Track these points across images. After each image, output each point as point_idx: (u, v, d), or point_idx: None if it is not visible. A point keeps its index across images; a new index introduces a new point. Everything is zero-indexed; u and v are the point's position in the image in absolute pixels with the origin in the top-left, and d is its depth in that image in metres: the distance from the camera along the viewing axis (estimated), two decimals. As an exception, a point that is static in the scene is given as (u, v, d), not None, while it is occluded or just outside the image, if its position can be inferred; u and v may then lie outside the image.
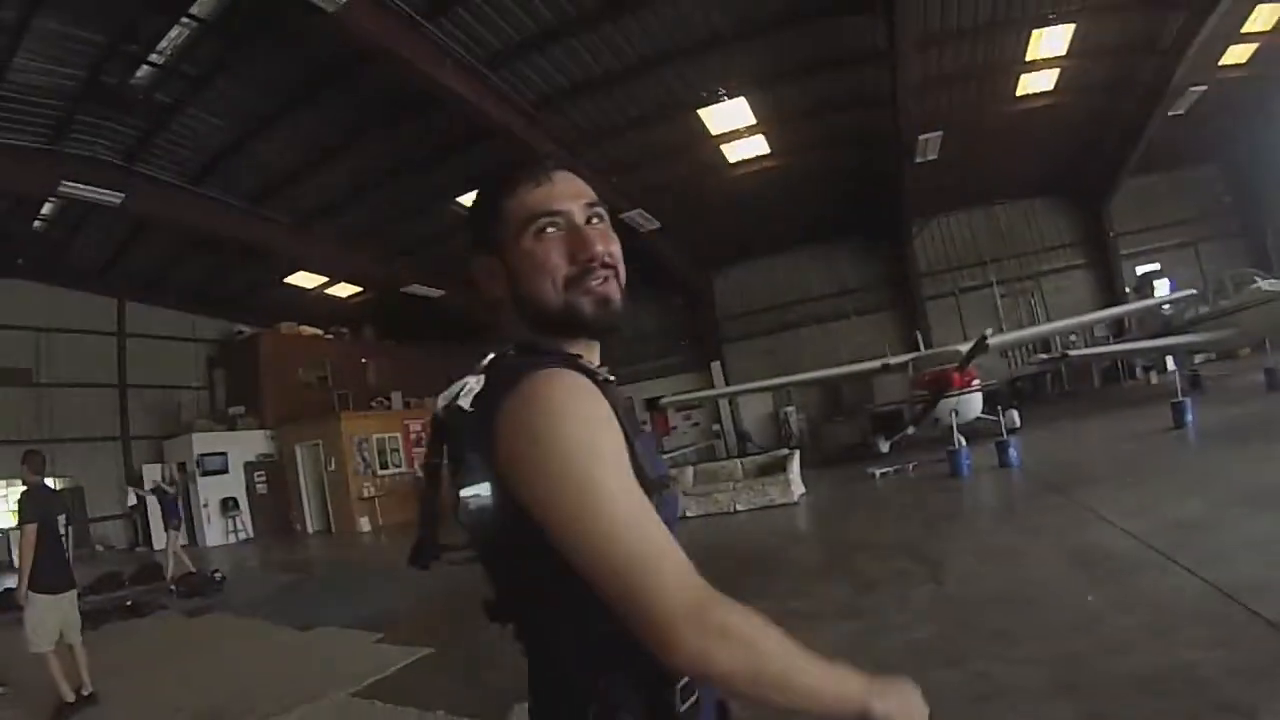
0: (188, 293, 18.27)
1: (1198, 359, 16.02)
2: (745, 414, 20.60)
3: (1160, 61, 14.13)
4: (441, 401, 0.94)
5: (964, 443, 10.26)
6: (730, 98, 12.63)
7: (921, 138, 13.43)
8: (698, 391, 18.69)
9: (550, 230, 0.96)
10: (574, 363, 0.92)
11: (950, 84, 13.58)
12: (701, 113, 12.95)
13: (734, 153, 14.35)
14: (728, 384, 19.45)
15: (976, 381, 11.76)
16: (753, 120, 13.37)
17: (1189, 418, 9.68)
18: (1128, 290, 18.63)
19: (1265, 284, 12.56)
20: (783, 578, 6.12)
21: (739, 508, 10.30)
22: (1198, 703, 2.82)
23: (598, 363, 1.01)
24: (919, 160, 14.06)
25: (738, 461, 12.42)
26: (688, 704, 0.90)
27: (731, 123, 13.37)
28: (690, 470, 12.22)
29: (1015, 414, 13.26)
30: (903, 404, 13.38)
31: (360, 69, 10.25)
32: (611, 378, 0.98)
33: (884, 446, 12.85)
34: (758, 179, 14.99)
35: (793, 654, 0.82)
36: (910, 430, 12.03)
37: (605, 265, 0.97)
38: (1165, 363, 13.82)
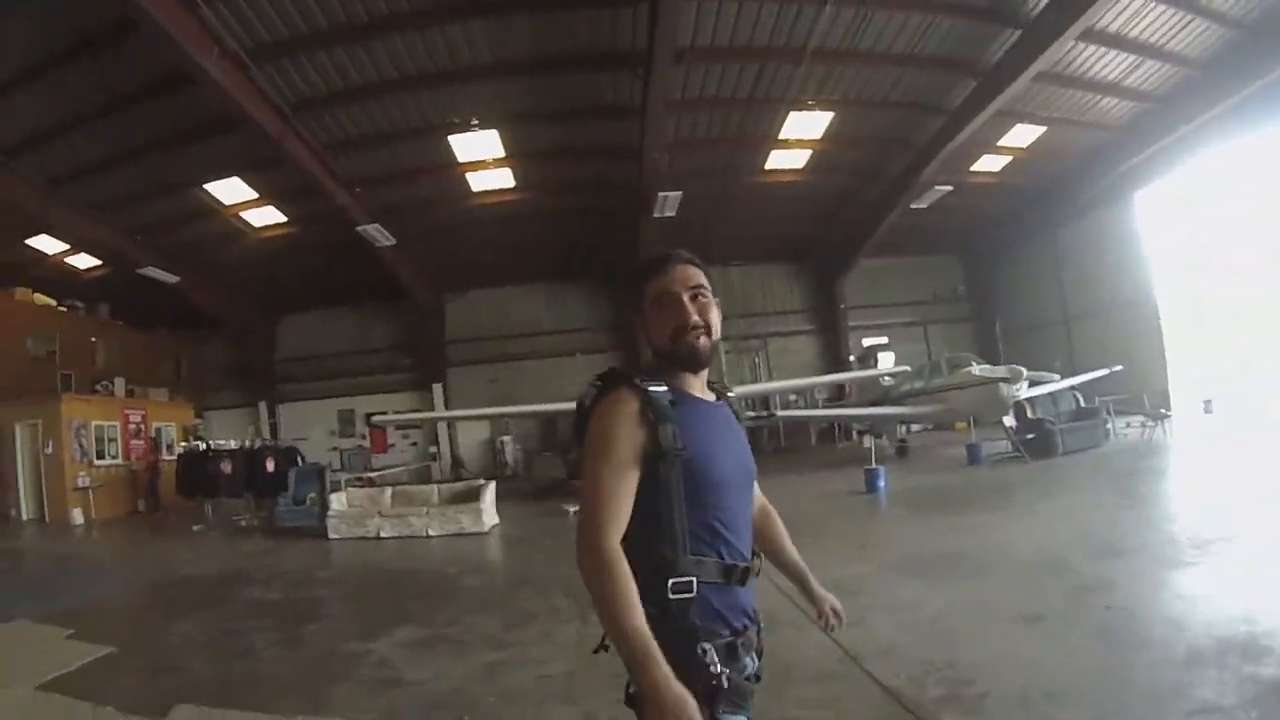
0: (-79, 247, 16.36)
1: (914, 428, 17.55)
2: (463, 438, 20.43)
3: (913, 157, 15.14)
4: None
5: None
6: (482, 129, 12.78)
7: (661, 194, 13.88)
8: (418, 413, 18.44)
9: (667, 303, 1.53)
10: (631, 382, 1.46)
11: (700, 148, 14.19)
12: (451, 139, 13.01)
13: (479, 182, 14.45)
14: (448, 407, 19.33)
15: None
16: (502, 153, 13.54)
17: (880, 484, 10.26)
18: (852, 359, 20.04)
19: (978, 369, 13.71)
20: (449, 606, 6.33)
21: (432, 533, 10.36)
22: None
23: (698, 386, 1.59)
24: (656, 215, 14.53)
25: (434, 487, 12.44)
26: (679, 596, 1.43)
27: (480, 153, 13.48)
28: (388, 492, 12.18)
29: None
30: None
31: (127, 39, 9.68)
32: (691, 392, 1.56)
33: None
34: (500, 210, 15.12)
35: (622, 609, 1.31)
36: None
37: (695, 328, 1.52)
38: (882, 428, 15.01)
